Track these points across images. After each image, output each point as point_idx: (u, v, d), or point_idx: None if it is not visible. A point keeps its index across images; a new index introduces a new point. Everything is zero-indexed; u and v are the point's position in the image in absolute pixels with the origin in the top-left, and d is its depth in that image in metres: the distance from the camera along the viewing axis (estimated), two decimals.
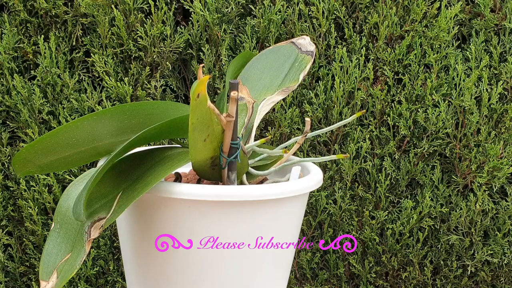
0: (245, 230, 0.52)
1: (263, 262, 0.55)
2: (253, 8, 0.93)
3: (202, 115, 0.48)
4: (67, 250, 0.47)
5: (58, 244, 0.47)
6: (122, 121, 0.53)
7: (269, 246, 0.54)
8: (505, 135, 0.94)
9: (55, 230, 0.47)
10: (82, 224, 0.47)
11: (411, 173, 0.95)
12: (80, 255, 0.46)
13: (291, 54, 0.66)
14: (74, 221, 0.47)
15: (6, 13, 0.93)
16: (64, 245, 0.47)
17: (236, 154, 0.53)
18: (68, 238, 0.47)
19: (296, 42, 0.68)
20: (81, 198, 0.45)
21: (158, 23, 0.92)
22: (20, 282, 0.98)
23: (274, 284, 0.57)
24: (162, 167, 0.51)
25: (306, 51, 0.67)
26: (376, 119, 0.95)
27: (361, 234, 0.96)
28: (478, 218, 0.95)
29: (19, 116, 0.94)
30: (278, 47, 0.68)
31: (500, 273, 0.98)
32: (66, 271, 0.45)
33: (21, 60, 0.95)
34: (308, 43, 0.68)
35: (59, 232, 0.47)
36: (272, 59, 0.66)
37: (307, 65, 0.65)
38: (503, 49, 0.95)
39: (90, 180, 0.45)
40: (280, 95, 0.63)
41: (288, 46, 0.68)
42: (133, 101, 0.94)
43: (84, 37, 0.94)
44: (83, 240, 0.47)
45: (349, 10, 0.95)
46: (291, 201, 0.55)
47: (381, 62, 0.94)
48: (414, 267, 0.97)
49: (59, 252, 0.47)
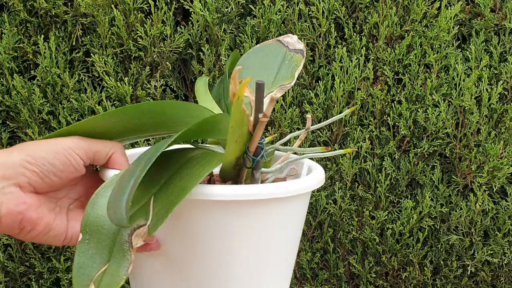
0: (257, 229, 0.52)
1: (269, 262, 0.55)
2: (253, 8, 0.93)
3: (239, 116, 0.49)
4: (103, 261, 0.45)
5: (91, 256, 0.45)
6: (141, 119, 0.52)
7: (276, 245, 0.54)
8: (505, 135, 0.94)
9: (84, 241, 0.45)
10: (117, 233, 0.46)
11: (411, 173, 0.95)
12: (123, 264, 0.44)
13: (279, 52, 0.66)
14: (107, 230, 0.46)
15: (6, 13, 0.93)
16: (98, 256, 0.45)
17: (262, 154, 0.54)
18: (103, 248, 0.45)
19: (283, 40, 0.68)
20: (120, 203, 0.42)
21: (158, 23, 0.91)
22: (20, 282, 0.98)
23: (279, 284, 0.57)
24: (191, 170, 0.49)
25: (294, 49, 0.67)
26: (376, 119, 0.95)
27: (361, 234, 0.96)
28: (478, 218, 0.95)
29: (19, 116, 0.94)
30: (265, 45, 0.68)
31: (500, 273, 0.98)
32: (109, 283, 0.43)
33: (21, 60, 0.95)
34: (296, 41, 0.68)
35: (89, 243, 0.45)
36: (261, 57, 0.66)
37: (299, 63, 0.65)
38: (503, 49, 0.95)
39: (131, 183, 0.43)
40: (278, 93, 0.64)
41: (275, 44, 0.68)
42: (133, 101, 0.94)
43: (84, 37, 0.94)
44: (123, 249, 0.45)
45: (349, 10, 0.95)
46: (300, 198, 0.55)
47: (381, 62, 0.94)
48: (414, 267, 0.97)
49: (93, 264, 0.45)
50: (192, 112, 0.55)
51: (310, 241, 0.98)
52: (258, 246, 0.53)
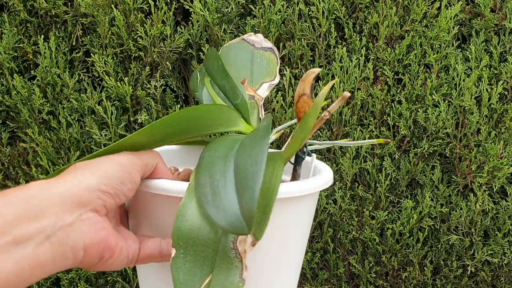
0: (272, 227, 0.52)
1: (283, 261, 0.55)
2: (253, 8, 0.93)
3: (313, 118, 0.50)
4: (205, 272, 0.43)
5: (189, 270, 0.43)
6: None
7: (288, 244, 0.54)
8: (505, 135, 0.94)
9: (179, 256, 0.43)
10: (217, 242, 0.44)
11: (411, 173, 0.95)
12: (233, 272, 0.43)
13: (247, 51, 0.66)
14: (205, 241, 0.44)
15: (6, 13, 0.93)
16: (198, 269, 0.43)
17: (307, 150, 0.56)
18: (203, 259, 0.43)
19: (247, 39, 0.68)
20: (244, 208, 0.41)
21: (158, 23, 0.91)
22: None
23: (292, 284, 0.57)
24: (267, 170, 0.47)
25: (262, 48, 0.67)
26: (376, 119, 0.95)
27: (361, 234, 0.96)
28: (478, 218, 0.95)
29: (19, 116, 0.94)
30: (233, 44, 0.68)
31: (500, 273, 0.98)
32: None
33: (21, 60, 0.95)
34: (262, 40, 0.68)
35: (185, 257, 0.43)
36: (234, 55, 0.65)
37: (273, 61, 0.65)
38: (503, 49, 0.95)
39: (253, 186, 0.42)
40: (267, 91, 0.64)
41: (241, 43, 0.68)
42: (133, 101, 0.94)
43: (84, 37, 0.94)
44: (229, 257, 0.43)
45: (349, 10, 0.95)
46: (312, 197, 0.56)
47: (381, 62, 0.94)
48: (414, 267, 0.97)
49: (194, 277, 0.43)
50: (223, 114, 0.55)
51: (310, 241, 0.98)
52: (273, 245, 0.53)
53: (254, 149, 0.45)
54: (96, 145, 0.94)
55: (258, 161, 0.44)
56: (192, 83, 0.67)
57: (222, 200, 0.43)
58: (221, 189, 0.44)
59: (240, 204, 0.43)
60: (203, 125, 0.52)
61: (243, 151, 0.47)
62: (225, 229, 0.42)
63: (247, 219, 0.41)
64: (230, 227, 0.42)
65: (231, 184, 0.44)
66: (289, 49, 0.94)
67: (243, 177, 0.44)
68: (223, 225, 0.42)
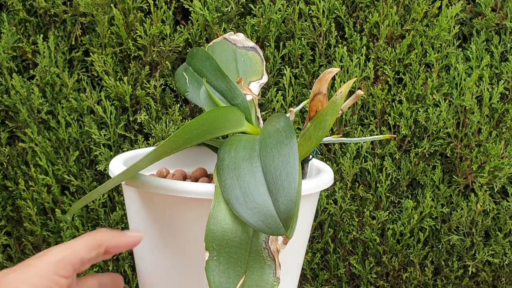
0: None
1: (283, 261, 0.55)
2: (253, 7, 0.92)
3: (333, 116, 0.52)
4: (238, 273, 0.44)
5: (223, 272, 0.43)
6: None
7: (290, 244, 0.54)
8: (506, 135, 0.93)
9: (213, 259, 0.43)
10: (249, 242, 0.45)
11: (412, 173, 0.95)
12: (266, 271, 0.44)
13: (230, 50, 0.66)
14: (238, 242, 0.44)
15: (5, 12, 0.93)
16: (232, 270, 0.44)
17: (316, 149, 0.57)
18: (236, 261, 0.44)
19: (229, 38, 0.68)
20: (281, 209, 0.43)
21: (157, 22, 0.91)
22: None
23: (291, 285, 0.57)
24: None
25: (243, 47, 0.67)
26: (376, 119, 0.95)
27: (361, 234, 0.96)
28: (479, 218, 0.95)
29: (18, 115, 0.94)
30: (217, 43, 0.67)
31: (501, 273, 0.98)
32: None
33: (20, 59, 0.94)
34: (244, 39, 0.68)
35: (219, 259, 0.43)
36: (219, 53, 0.65)
37: (257, 60, 0.65)
38: (504, 48, 0.94)
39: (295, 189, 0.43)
40: (258, 90, 0.64)
41: (224, 42, 0.67)
42: (132, 101, 0.94)
43: (83, 36, 0.94)
44: (262, 256, 0.44)
45: (350, 9, 0.95)
46: (314, 197, 0.56)
47: (381, 61, 0.94)
48: (415, 267, 0.97)
49: (228, 279, 0.43)
50: (232, 116, 0.55)
51: (310, 241, 0.97)
52: None
53: (282, 149, 0.46)
54: (95, 145, 0.93)
55: (290, 161, 0.45)
56: (180, 83, 0.66)
57: (255, 201, 0.44)
58: (253, 190, 0.45)
59: (276, 205, 0.44)
60: (216, 128, 0.52)
61: (269, 152, 0.47)
62: (261, 230, 0.43)
63: (284, 219, 0.43)
64: (267, 228, 0.43)
65: (262, 185, 0.45)
66: (289, 48, 0.93)
67: (276, 177, 0.45)
68: (260, 227, 0.43)
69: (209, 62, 0.61)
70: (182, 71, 0.65)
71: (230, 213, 0.45)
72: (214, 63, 0.61)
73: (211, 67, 0.61)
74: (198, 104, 0.61)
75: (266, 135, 0.50)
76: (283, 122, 0.51)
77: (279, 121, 0.52)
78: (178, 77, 0.65)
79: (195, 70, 0.63)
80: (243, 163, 0.47)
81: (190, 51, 0.66)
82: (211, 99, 0.58)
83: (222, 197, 0.45)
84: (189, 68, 0.64)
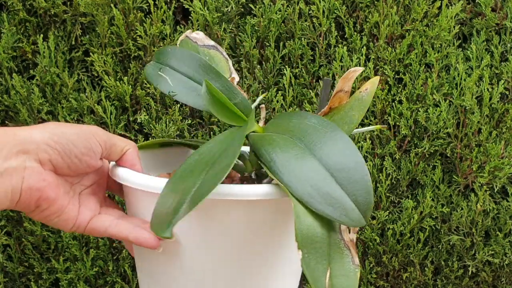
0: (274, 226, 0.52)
1: (285, 261, 0.55)
2: (253, 7, 0.92)
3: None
4: (325, 266, 0.46)
5: (315, 266, 0.46)
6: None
7: (287, 242, 0.54)
8: (506, 135, 0.93)
9: (305, 256, 0.46)
10: (329, 236, 0.47)
11: (412, 173, 0.95)
12: (346, 260, 0.46)
13: (193, 49, 0.65)
14: (320, 238, 0.47)
15: (5, 12, 0.93)
16: (320, 264, 0.46)
17: None
18: (321, 255, 0.46)
19: (190, 36, 0.67)
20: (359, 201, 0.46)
21: (157, 22, 0.91)
22: (19, 283, 0.98)
23: (291, 283, 0.57)
24: None
25: (204, 45, 0.66)
26: (376, 119, 0.95)
27: (361, 234, 0.96)
28: (479, 218, 0.95)
29: (18, 115, 0.94)
30: (181, 42, 0.66)
31: (501, 273, 0.98)
32: (343, 284, 0.45)
33: (20, 59, 0.94)
34: (204, 37, 0.67)
35: (309, 256, 0.46)
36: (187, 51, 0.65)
37: (219, 58, 0.65)
38: (504, 48, 0.94)
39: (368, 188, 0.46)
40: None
41: (186, 40, 0.67)
42: (132, 101, 0.93)
43: (83, 36, 0.94)
44: (340, 247, 0.47)
45: (350, 9, 0.95)
46: None
47: (381, 61, 0.94)
48: (415, 267, 0.97)
49: (319, 272, 0.46)
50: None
51: None
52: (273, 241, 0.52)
53: (337, 143, 0.49)
54: None
55: (353, 153, 0.48)
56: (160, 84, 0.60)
57: (332, 197, 0.46)
58: (324, 186, 0.47)
59: (353, 198, 0.46)
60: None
61: (322, 147, 0.49)
62: (345, 223, 0.46)
63: (364, 211, 0.46)
64: (350, 221, 0.46)
65: (330, 180, 0.47)
66: (289, 48, 0.93)
67: (343, 171, 0.47)
68: (343, 220, 0.46)
69: (196, 62, 0.60)
70: (156, 71, 0.61)
71: (308, 210, 0.46)
72: (204, 63, 0.60)
73: (200, 67, 0.60)
74: (190, 105, 0.60)
75: (301, 132, 0.51)
76: (314, 118, 0.52)
77: (303, 118, 0.53)
78: (153, 77, 0.61)
79: (176, 70, 0.61)
80: (301, 161, 0.48)
81: (163, 49, 0.63)
82: (216, 100, 0.56)
83: (293, 196, 0.47)
84: (166, 68, 0.61)
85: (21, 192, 0.45)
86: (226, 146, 0.50)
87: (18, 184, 0.45)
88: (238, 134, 0.52)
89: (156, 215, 0.47)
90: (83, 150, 0.49)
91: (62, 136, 0.48)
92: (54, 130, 0.48)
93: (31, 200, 0.46)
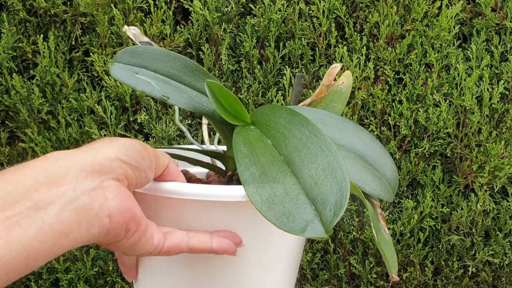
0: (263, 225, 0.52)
1: (275, 260, 0.54)
2: (253, 7, 0.92)
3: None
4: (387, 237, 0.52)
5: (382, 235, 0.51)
6: None
7: (282, 242, 0.54)
8: (506, 135, 0.93)
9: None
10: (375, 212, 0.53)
11: (412, 173, 0.95)
12: (381, 230, 0.52)
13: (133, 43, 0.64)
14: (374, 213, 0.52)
15: (5, 13, 0.93)
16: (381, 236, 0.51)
17: None
18: (378, 228, 0.51)
19: (128, 32, 0.65)
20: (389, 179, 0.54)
21: (157, 22, 0.91)
22: (19, 283, 0.98)
23: (286, 284, 0.57)
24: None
25: (141, 42, 0.64)
26: (376, 119, 0.95)
27: (361, 234, 0.96)
28: (479, 218, 0.95)
29: (18, 115, 0.94)
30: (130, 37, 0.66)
31: (501, 273, 0.98)
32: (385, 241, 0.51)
33: (20, 59, 0.94)
34: (139, 34, 0.64)
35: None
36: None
37: None
38: (504, 48, 0.94)
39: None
40: None
41: (128, 35, 0.65)
42: (132, 101, 0.93)
43: (83, 36, 0.94)
44: (379, 220, 0.52)
45: (350, 9, 0.94)
46: None
47: (381, 61, 0.94)
48: (415, 267, 0.97)
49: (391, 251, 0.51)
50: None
51: (310, 241, 0.97)
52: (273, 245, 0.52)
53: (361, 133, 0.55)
54: None
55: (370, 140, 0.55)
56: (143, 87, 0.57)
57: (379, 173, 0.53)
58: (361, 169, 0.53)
59: (385, 177, 0.53)
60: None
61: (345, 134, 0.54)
62: (386, 199, 0.53)
63: (393, 187, 0.54)
64: (386, 197, 0.53)
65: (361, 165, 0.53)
66: (289, 48, 0.93)
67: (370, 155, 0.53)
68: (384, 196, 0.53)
69: (180, 62, 0.56)
70: (131, 73, 0.54)
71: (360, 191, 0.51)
72: (189, 63, 0.56)
73: (186, 68, 0.56)
74: (183, 107, 0.57)
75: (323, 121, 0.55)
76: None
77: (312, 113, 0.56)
78: (129, 80, 0.54)
79: (157, 71, 0.55)
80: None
81: (131, 50, 0.56)
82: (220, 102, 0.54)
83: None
84: (142, 69, 0.55)
85: (110, 214, 0.40)
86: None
87: (104, 206, 0.39)
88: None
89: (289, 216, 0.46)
90: (149, 163, 0.45)
91: (131, 150, 0.43)
92: (120, 146, 0.43)
93: (122, 223, 0.41)
